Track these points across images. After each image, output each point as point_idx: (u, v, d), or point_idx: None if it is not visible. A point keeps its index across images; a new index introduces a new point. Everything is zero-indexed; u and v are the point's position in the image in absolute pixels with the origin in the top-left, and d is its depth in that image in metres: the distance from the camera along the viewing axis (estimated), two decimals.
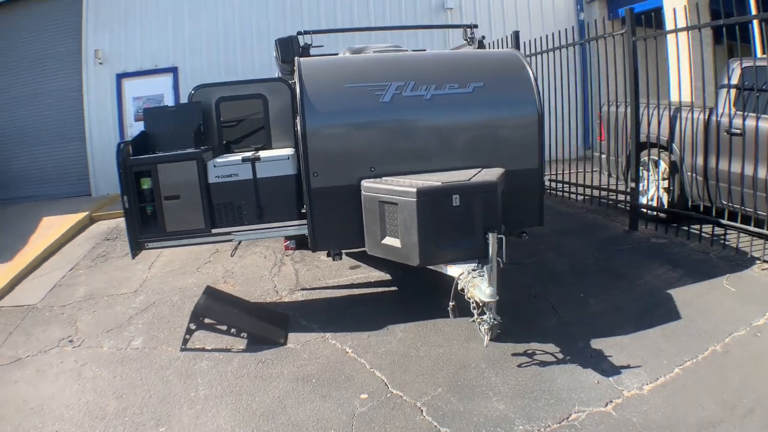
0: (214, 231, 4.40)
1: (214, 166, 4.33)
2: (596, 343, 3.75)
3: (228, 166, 4.36)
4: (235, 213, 4.40)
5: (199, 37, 10.64)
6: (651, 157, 6.06)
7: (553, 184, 7.88)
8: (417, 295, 4.82)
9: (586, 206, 7.18)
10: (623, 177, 6.45)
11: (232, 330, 4.05)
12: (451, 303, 3.60)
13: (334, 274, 5.54)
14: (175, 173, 4.28)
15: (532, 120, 4.45)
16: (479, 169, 4.25)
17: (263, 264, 6.02)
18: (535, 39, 7.43)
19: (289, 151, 4.57)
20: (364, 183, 4.13)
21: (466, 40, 5.79)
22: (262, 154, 4.46)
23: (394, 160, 4.32)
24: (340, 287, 5.20)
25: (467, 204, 3.77)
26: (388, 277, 5.38)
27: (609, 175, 6.96)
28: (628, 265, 5.14)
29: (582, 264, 5.31)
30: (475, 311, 3.55)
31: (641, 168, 6.05)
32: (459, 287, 3.62)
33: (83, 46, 10.27)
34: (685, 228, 5.65)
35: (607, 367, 3.43)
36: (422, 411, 3.10)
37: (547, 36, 7.19)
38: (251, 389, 3.45)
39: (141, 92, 10.16)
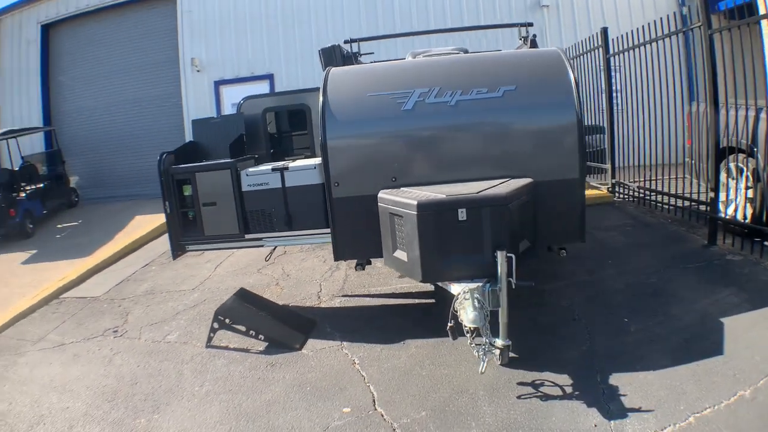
0: (247, 236, 4.66)
1: (247, 175, 4.58)
2: (615, 379, 3.35)
3: (259, 175, 4.58)
4: (266, 220, 4.62)
5: (293, 45, 11.23)
6: (734, 163, 5.20)
7: (642, 193, 7.09)
8: None
9: (672, 216, 6.38)
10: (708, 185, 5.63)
11: (251, 332, 4.26)
12: (449, 323, 3.44)
13: (381, 282, 5.55)
14: (212, 181, 4.60)
15: (570, 126, 4.07)
16: (504, 180, 3.99)
17: (319, 268, 6.20)
18: (630, 31, 6.73)
19: (316, 160, 4.68)
20: (380, 194, 4.08)
21: (521, 39, 5.44)
22: (291, 163, 4.61)
23: (416, 170, 4.22)
24: (380, 296, 5.19)
25: (474, 218, 3.56)
26: (431, 288, 5.27)
27: (698, 183, 6.10)
28: (689, 286, 4.52)
29: (640, 283, 4.75)
30: (468, 334, 3.35)
31: (727, 176, 5.22)
32: (453, 307, 3.44)
33: (180, 55, 11.36)
34: None
35: (614, 409, 3.04)
36: None
37: (638, 29, 6.47)
38: (249, 390, 3.62)
39: (238, 98, 10.96)
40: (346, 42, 5.49)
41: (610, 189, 7.67)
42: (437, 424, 3.07)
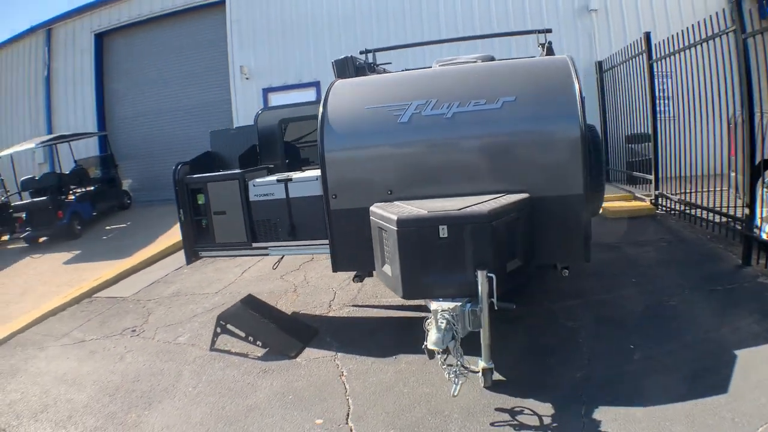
0: (254, 245, 4.81)
1: (254, 185, 4.73)
2: (601, 413, 3.14)
3: (265, 185, 4.72)
4: (272, 229, 4.75)
5: (339, 53, 11.38)
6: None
7: (682, 206, 6.60)
8: None
9: (711, 233, 5.88)
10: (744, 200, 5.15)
11: (250, 337, 4.40)
12: (424, 343, 3.38)
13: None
14: (222, 191, 4.80)
15: (573, 139, 3.86)
16: (499, 196, 3.86)
17: (340, 276, 6.21)
18: (672, 35, 6.28)
19: (318, 172, 4.75)
20: (372, 207, 4.07)
21: (539, 46, 5.22)
22: (294, 175, 4.71)
23: (412, 183, 4.18)
24: (389, 307, 5.16)
25: (455, 236, 3.46)
26: None
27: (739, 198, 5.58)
28: (712, 311, 4.17)
29: (659, 305, 4.42)
30: (438, 355, 3.27)
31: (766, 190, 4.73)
32: (425, 327, 3.37)
33: (230, 63, 11.84)
34: None
35: None
36: None
37: (678, 32, 6.03)
38: (235, 394, 3.74)
39: None
40: (361, 53, 5.52)
41: (653, 201, 7.17)
42: None
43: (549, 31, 5.09)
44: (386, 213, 3.74)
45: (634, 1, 10.28)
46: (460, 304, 3.43)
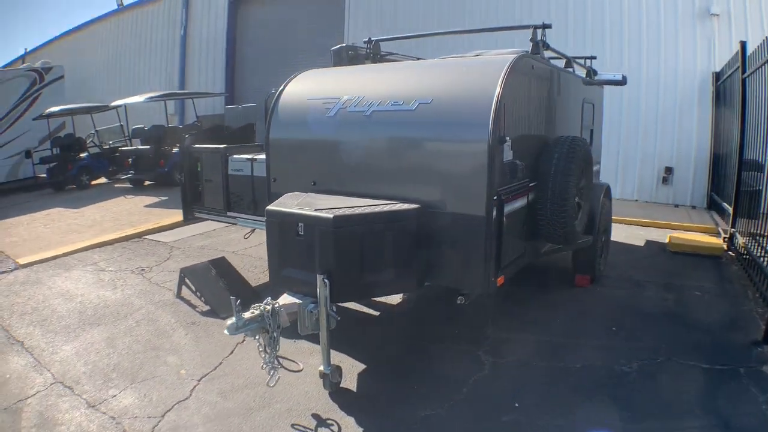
0: (228, 213, 5.34)
1: (232, 160, 5.21)
2: None
3: (238, 162, 5.16)
4: (240, 202, 5.20)
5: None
6: None
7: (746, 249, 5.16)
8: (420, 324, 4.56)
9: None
10: None
11: (197, 293, 5.00)
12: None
13: None
14: (211, 162, 5.39)
15: (479, 150, 3.47)
16: (389, 203, 3.68)
17: None
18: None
19: None
20: (283, 196, 4.18)
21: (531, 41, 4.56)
22: (259, 156, 5.04)
23: (331, 177, 4.22)
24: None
25: (309, 236, 3.47)
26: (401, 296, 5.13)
27: None
28: (666, 395, 3.38)
29: (605, 369, 3.69)
30: (259, 347, 3.35)
31: None
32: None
33: (345, 39, 12.03)
34: None
35: None
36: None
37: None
38: (154, 335, 4.36)
39: None
40: (365, 42, 5.47)
41: (726, 239, 5.69)
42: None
43: (548, 26, 4.39)
44: (274, 202, 3.87)
45: (759, 6, 8.28)
46: (300, 302, 3.47)
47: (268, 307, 3.35)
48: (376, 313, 4.93)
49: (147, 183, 12.29)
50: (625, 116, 9.34)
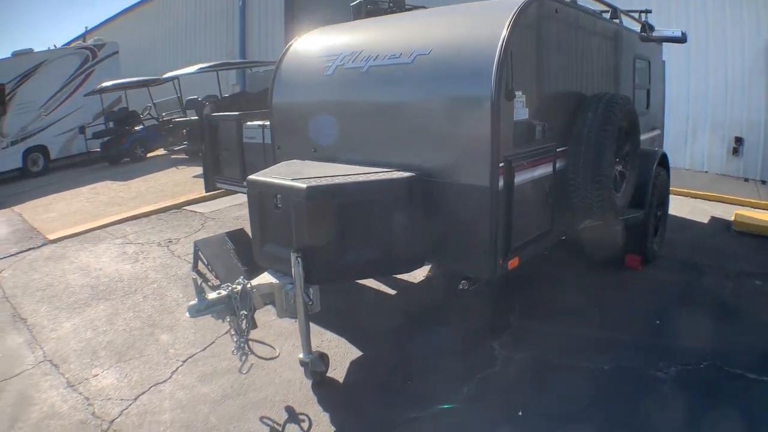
0: (244, 183, 5.09)
1: (246, 128, 4.93)
2: None
3: (252, 129, 4.86)
4: (254, 170, 4.91)
5: None
6: None
7: None
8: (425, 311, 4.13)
9: None
10: None
11: (209, 266, 4.82)
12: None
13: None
14: (228, 130, 5.15)
15: (480, 106, 2.89)
16: (381, 171, 3.20)
17: None
18: None
19: None
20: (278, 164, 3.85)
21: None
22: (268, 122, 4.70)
23: (330, 143, 3.81)
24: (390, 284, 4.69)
25: (285, 209, 3.08)
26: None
27: None
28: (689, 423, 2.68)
29: (637, 389, 3.00)
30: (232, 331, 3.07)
31: None
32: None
33: None
34: None
35: None
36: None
37: None
38: (159, 311, 4.27)
39: None
40: None
41: None
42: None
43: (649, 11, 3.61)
44: (260, 172, 3.53)
45: None
46: (277, 282, 3.13)
47: (237, 287, 3.06)
48: (393, 292, 4.52)
49: (201, 154, 12.48)
50: (693, 80, 8.25)
